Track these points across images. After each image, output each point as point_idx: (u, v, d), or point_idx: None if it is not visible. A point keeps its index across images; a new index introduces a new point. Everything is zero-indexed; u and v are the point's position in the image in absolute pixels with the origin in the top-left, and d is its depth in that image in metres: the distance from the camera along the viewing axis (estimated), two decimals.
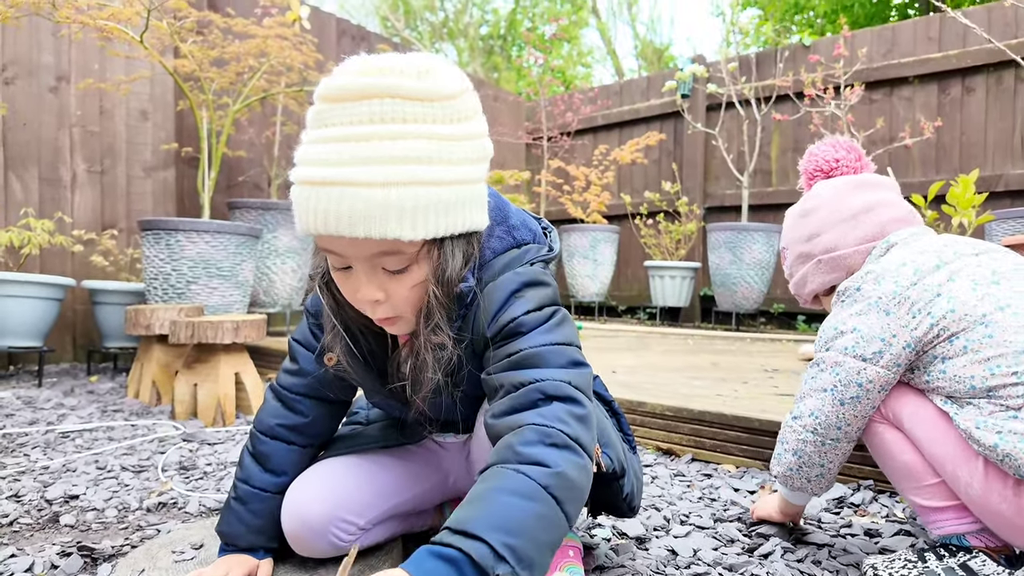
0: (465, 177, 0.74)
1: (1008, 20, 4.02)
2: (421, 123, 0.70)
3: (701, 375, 2.32)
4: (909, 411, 0.96)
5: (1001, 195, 4.00)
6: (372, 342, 0.89)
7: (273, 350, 2.90)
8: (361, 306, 0.79)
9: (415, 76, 0.70)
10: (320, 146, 0.70)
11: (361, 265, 0.74)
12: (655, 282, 4.90)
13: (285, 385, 0.98)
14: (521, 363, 0.76)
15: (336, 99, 0.70)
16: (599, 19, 14.37)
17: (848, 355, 0.96)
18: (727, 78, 4.81)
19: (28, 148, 3.16)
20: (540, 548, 0.64)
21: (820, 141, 1.24)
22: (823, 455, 1.02)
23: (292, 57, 3.08)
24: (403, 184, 0.68)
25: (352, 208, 0.67)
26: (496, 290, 0.80)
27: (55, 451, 1.71)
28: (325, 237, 0.71)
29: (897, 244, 1.05)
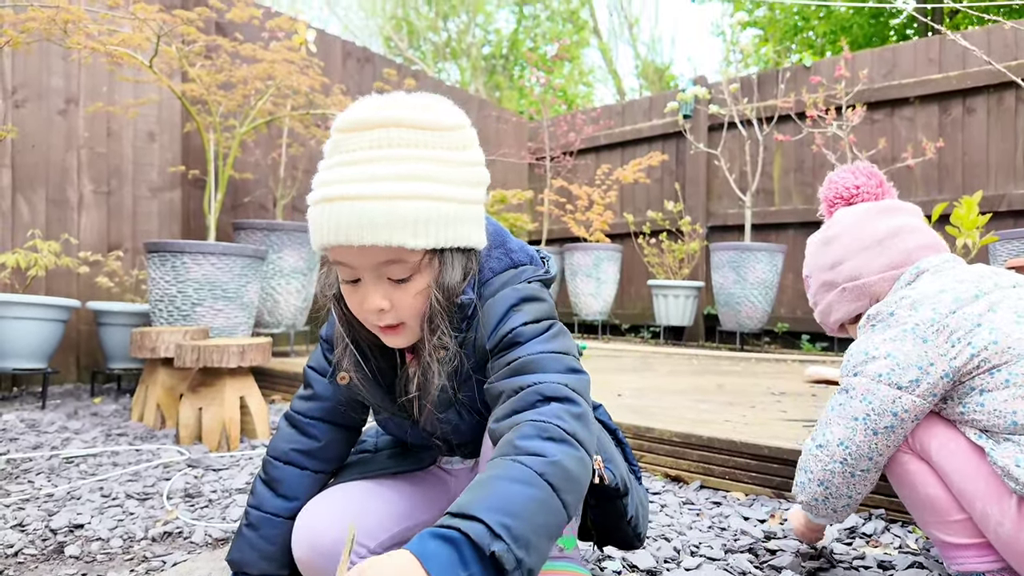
0: (464, 197, 0.82)
1: (1008, 42, 4.06)
2: (424, 148, 0.79)
3: (708, 398, 2.31)
4: (938, 443, 0.93)
5: (1004, 215, 4.00)
6: (380, 359, 0.93)
7: (277, 372, 2.89)
8: (367, 316, 0.84)
9: (420, 109, 0.80)
10: (335, 170, 0.79)
11: (368, 275, 0.81)
12: (658, 301, 4.89)
13: (299, 410, 1.02)
14: (520, 369, 0.80)
15: (350, 129, 0.80)
16: (600, 39, 14.54)
17: (882, 382, 0.93)
18: (729, 99, 4.85)
19: (36, 170, 3.18)
20: (536, 531, 0.65)
21: (839, 168, 1.22)
22: (851, 486, 0.98)
23: (299, 81, 3.11)
24: (406, 198, 0.76)
25: (361, 219, 0.75)
26: (495, 304, 0.85)
27: (59, 477, 1.70)
28: (337, 248, 0.79)
29: (928, 271, 1.02)
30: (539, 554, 0.65)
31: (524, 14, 15.29)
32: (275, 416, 2.48)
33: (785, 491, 1.53)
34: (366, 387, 0.93)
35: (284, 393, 2.87)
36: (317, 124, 3.83)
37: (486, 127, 5.78)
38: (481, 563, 0.61)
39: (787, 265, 4.68)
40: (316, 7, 16.00)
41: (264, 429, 2.18)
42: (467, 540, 0.61)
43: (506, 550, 0.61)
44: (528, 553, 0.64)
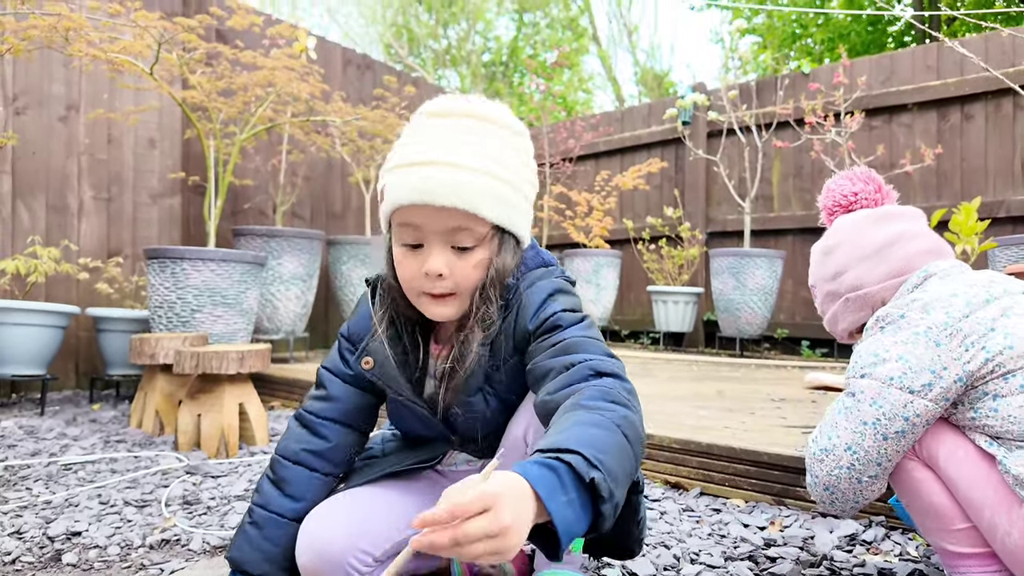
0: (526, 193, 0.93)
1: (1006, 49, 4.07)
2: (500, 139, 0.89)
3: (707, 405, 2.30)
4: (947, 451, 0.91)
5: (1003, 221, 4.01)
6: (410, 344, 0.97)
7: (277, 378, 2.89)
8: (422, 283, 0.88)
9: (496, 109, 0.92)
10: (420, 144, 0.87)
11: (435, 239, 0.87)
12: (658, 307, 4.89)
13: (311, 410, 1.03)
14: (566, 350, 0.85)
15: (436, 114, 0.90)
16: (600, 46, 14.59)
17: (893, 386, 0.90)
18: (728, 105, 4.86)
19: (37, 176, 3.19)
20: (620, 472, 0.68)
21: (837, 175, 1.21)
22: (858, 492, 0.95)
23: (299, 88, 3.12)
24: (486, 173, 0.85)
25: (444, 181, 0.83)
26: (535, 292, 0.92)
27: (57, 484, 1.69)
28: (412, 209, 0.85)
29: (936, 275, 1.00)
30: (622, 494, 0.68)
31: (524, 21, 15.36)
32: (274, 423, 2.48)
33: (785, 498, 1.53)
34: (389, 372, 0.95)
35: (283, 399, 2.86)
36: (317, 131, 3.84)
37: None
38: (579, 489, 0.64)
39: (786, 271, 4.68)
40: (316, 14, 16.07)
41: (263, 436, 2.18)
42: (568, 468, 0.64)
43: (603, 479, 0.65)
44: (617, 488, 0.67)
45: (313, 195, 4.37)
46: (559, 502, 0.62)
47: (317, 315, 4.17)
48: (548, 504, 0.62)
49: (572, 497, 0.64)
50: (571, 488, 0.64)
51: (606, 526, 0.66)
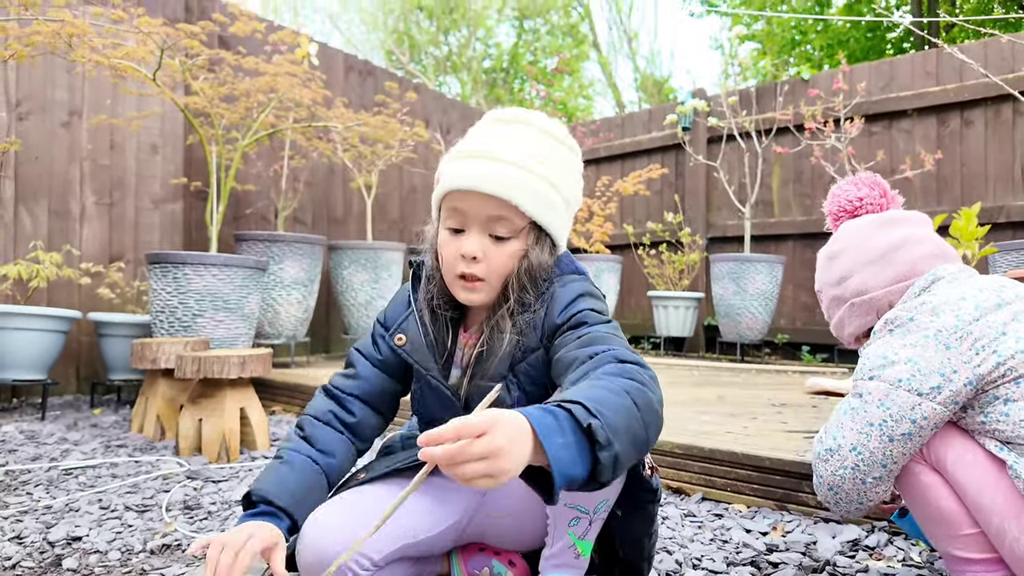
0: (568, 200, 1.00)
1: (1005, 55, 4.09)
2: (551, 149, 0.98)
3: (709, 409, 2.30)
4: (955, 455, 0.90)
5: (1003, 226, 4.01)
6: (443, 326, 1.03)
7: (278, 383, 2.89)
8: (458, 264, 0.95)
9: (555, 125, 1.00)
10: (480, 140, 0.97)
11: (476, 225, 0.94)
12: (659, 312, 4.89)
13: (339, 385, 1.07)
14: (592, 341, 0.89)
15: (498, 120, 1.00)
16: (600, 53, 14.65)
17: (901, 388, 0.90)
18: (727, 111, 4.88)
19: (39, 181, 3.20)
20: (623, 429, 0.71)
21: (842, 180, 1.21)
22: (862, 493, 0.94)
23: (301, 94, 3.13)
24: (531, 172, 0.93)
25: (489, 172, 0.92)
26: (566, 291, 0.98)
27: (58, 489, 1.69)
28: (461, 193, 0.94)
29: (944, 279, 1.00)
30: (623, 449, 0.70)
31: (524, 28, 15.42)
32: (275, 427, 2.47)
33: (787, 503, 1.52)
34: (420, 349, 1.01)
35: (284, 404, 2.86)
36: (319, 136, 3.85)
37: None
38: (577, 434, 0.68)
39: (787, 276, 4.68)
40: (319, 21, 16.15)
41: (264, 440, 2.17)
42: (567, 414, 0.69)
43: (600, 426, 0.68)
44: (617, 440, 0.69)
45: (315, 200, 4.38)
46: (555, 443, 0.66)
47: (318, 320, 4.17)
48: (544, 443, 0.65)
49: (569, 440, 0.67)
50: (568, 432, 0.67)
51: (605, 476, 0.68)
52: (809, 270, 4.87)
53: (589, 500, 0.93)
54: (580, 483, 0.68)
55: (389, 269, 3.81)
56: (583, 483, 0.69)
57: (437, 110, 5.39)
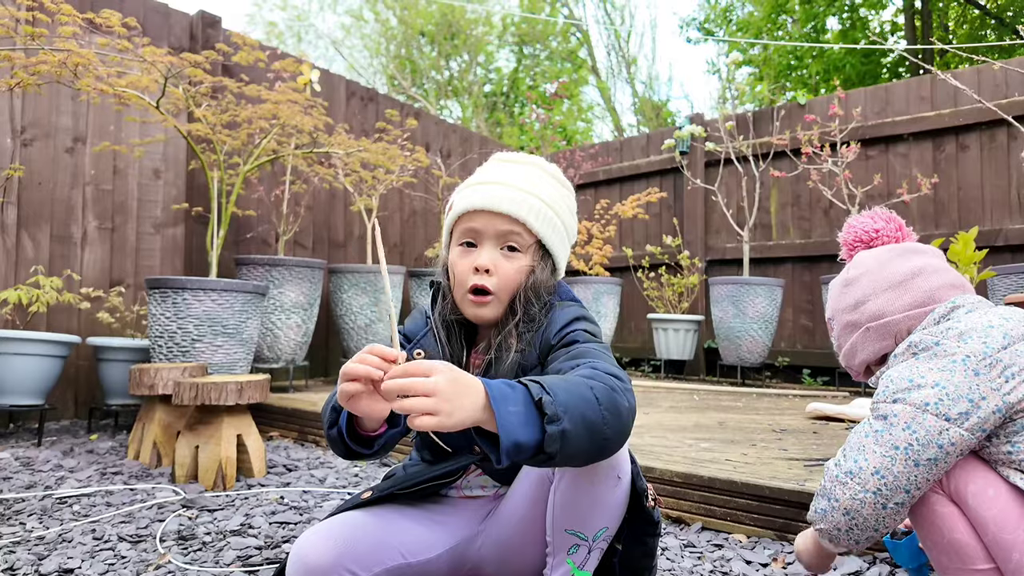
0: (568, 228, 1.11)
1: (998, 81, 4.14)
2: (551, 184, 1.10)
3: (709, 436, 2.29)
4: (976, 488, 0.89)
5: (1001, 250, 4.02)
6: (456, 343, 1.09)
7: (276, 408, 2.87)
8: (470, 277, 1.02)
9: (554, 168, 1.13)
10: (487, 173, 1.09)
11: (488, 240, 1.04)
12: (659, 335, 4.88)
13: None
14: (579, 356, 0.95)
15: (503, 160, 1.12)
16: (599, 78, 14.84)
17: (929, 412, 0.89)
18: (725, 136, 4.93)
19: (42, 207, 3.22)
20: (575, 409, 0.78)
21: (858, 214, 1.23)
22: (880, 519, 0.91)
23: (302, 121, 3.17)
24: (536, 196, 1.05)
25: (503, 194, 1.04)
26: (564, 313, 1.05)
27: (51, 519, 1.68)
28: (475, 213, 1.04)
29: (963, 307, 1.00)
30: (574, 429, 0.77)
31: (524, 54, 15.65)
32: (272, 454, 2.46)
33: (788, 533, 1.51)
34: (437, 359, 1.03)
35: (282, 430, 2.84)
36: (320, 162, 3.89)
37: None
38: (529, 405, 0.77)
39: (786, 299, 4.68)
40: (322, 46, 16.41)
41: (261, 467, 2.16)
42: (523, 387, 0.78)
43: (551, 403, 0.76)
44: (567, 418, 0.76)
45: (316, 224, 4.40)
46: (505, 409, 0.75)
47: (317, 344, 4.16)
48: (494, 405, 0.75)
49: (519, 409, 0.76)
50: (520, 403, 0.76)
51: (553, 448, 0.75)
52: (808, 292, 4.87)
53: (588, 526, 0.94)
54: (529, 452, 0.75)
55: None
56: (532, 453, 0.76)
57: (438, 135, 5.44)
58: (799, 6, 10.10)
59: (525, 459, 0.77)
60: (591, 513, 0.94)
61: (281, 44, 15.46)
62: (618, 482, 0.94)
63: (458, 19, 14.57)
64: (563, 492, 0.94)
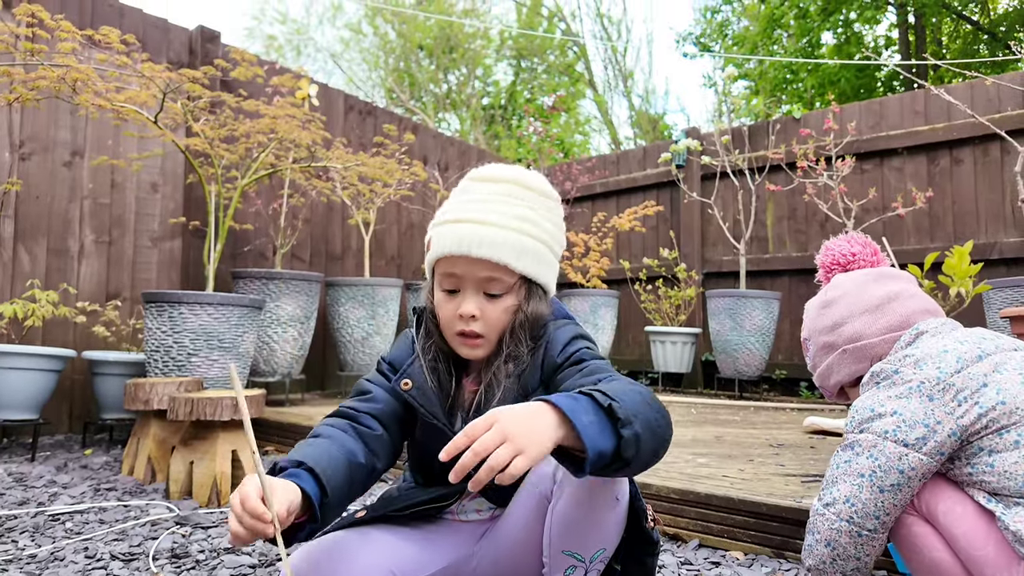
0: (553, 249, 1.05)
1: (991, 96, 4.18)
2: (532, 203, 1.02)
3: (706, 451, 2.28)
4: (945, 507, 0.91)
5: (996, 263, 4.04)
6: (445, 374, 1.05)
7: (272, 422, 2.86)
8: (456, 323, 0.99)
9: (532, 177, 1.04)
10: (464, 204, 1.01)
11: (470, 286, 0.99)
12: (656, 347, 4.88)
13: (352, 407, 1.04)
14: (592, 372, 0.96)
15: (481, 179, 1.04)
16: (596, 91, 14.95)
17: (888, 439, 0.92)
18: (720, 150, 4.96)
19: (39, 220, 3.22)
20: (640, 415, 0.78)
21: (835, 238, 1.27)
22: (859, 547, 0.95)
23: (300, 135, 3.18)
24: (518, 232, 0.98)
25: (483, 238, 0.96)
26: (562, 332, 1.05)
27: (44, 536, 1.66)
28: (453, 258, 0.98)
29: (927, 332, 1.03)
30: (643, 431, 0.77)
31: (522, 67, 15.77)
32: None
33: (785, 550, 1.50)
34: (427, 394, 1.02)
35: (278, 444, 2.83)
36: (318, 176, 3.90)
37: None
38: (600, 413, 0.76)
39: (783, 312, 4.69)
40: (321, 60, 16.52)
41: None
42: (589, 397, 0.78)
43: (620, 407, 0.76)
44: (636, 421, 0.77)
45: (313, 237, 4.41)
46: (582, 420, 0.74)
47: (314, 357, 4.15)
48: (572, 418, 0.73)
49: (592, 419, 0.75)
50: (591, 411, 0.76)
51: (630, 453, 0.75)
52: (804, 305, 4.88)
53: (585, 547, 0.93)
54: (607, 460, 0.75)
55: (386, 305, 3.81)
56: (611, 460, 0.75)
57: (435, 148, 5.47)
58: (794, 21, 10.21)
59: (603, 468, 0.76)
60: (589, 535, 0.93)
61: (280, 58, 15.56)
62: (616, 504, 0.93)
63: (456, 33, 14.69)
64: (561, 513, 0.93)
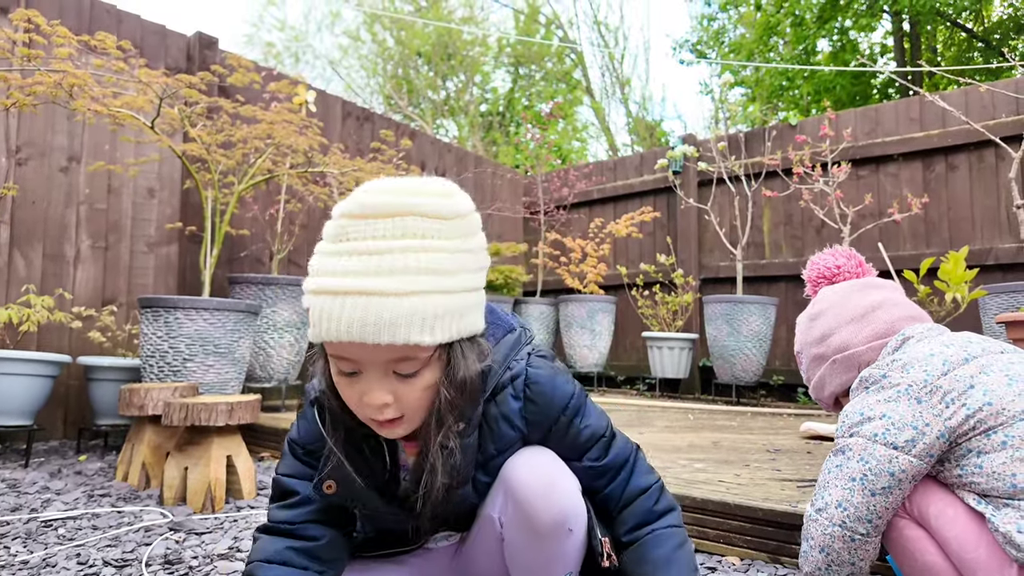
0: (472, 285, 0.81)
1: (985, 103, 4.20)
2: (439, 238, 0.76)
3: (703, 456, 2.28)
4: (937, 509, 0.92)
5: (992, 268, 4.05)
6: (372, 457, 0.89)
7: (267, 428, 2.85)
8: (366, 410, 0.80)
9: (436, 196, 0.77)
10: (344, 259, 0.74)
11: (374, 370, 0.77)
12: (653, 353, 4.88)
13: (284, 519, 0.91)
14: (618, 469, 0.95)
15: (360, 215, 0.75)
16: (593, 98, 15.01)
17: (878, 442, 0.93)
18: (717, 156, 4.98)
19: (35, 226, 3.22)
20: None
21: (820, 252, 1.29)
22: (852, 551, 0.95)
23: (297, 141, 3.19)
24: (425, 293, 0.73)
25: (379, 316, 0.71)
26: (552, 395, 0.90)
27: (36, 542, 1.65)
28: (342, 344, 0.75)
29: (913, 338, 1.05)
30: None
31: (520, 74, 15.83)
32: (263, 475, 2.43)
33: (781, 555, 1.49)
34: (357, 491, 0.87)
35: (273, 450, 2.82)
36: (315, 181, 3.90)
37: (482, 181, 5.89)
38: None
39: (780, 317, 4.69)
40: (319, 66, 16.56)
41: (251, 488, 2.13)
42: None
43: None
44: None
45: (310, 242, 4.41)
46: None
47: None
48: None
49: None
50: None
51: None
52: (802, 311, 4.88)
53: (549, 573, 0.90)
54: None
55: None
56: None
57: (433, 154, 5.48)
58: (790, 28, 10.27)
59: None
60: (548, 568, 0.89)
61: (279, 64, 15.60)
62: (570, 535, 0.87)
63: (454, 40, 14.76)
64: (515, 549, 0.90)
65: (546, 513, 0.84)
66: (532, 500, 0.85)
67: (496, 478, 0.90)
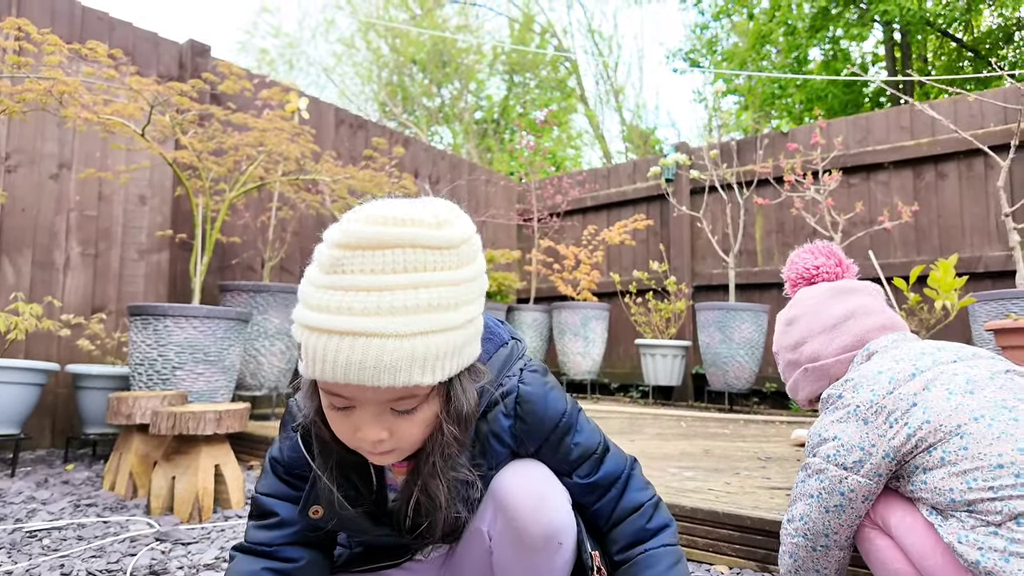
0: (474, 316, 0.77)
1: (974, 112, 4.24)
2: (440, 271, 0.72)
3: (693, 464, 2.27)
4: (897, 519, 0.95)
5: (982, 276, 4.08)
6: (359, 481, 0.88)
7: (256, 436, 2.83)
8: (360, 443, 0.78)
9: (435, 226, 0.72)
10: (340, 294, 0.69)
11: (370, 408, 0.74)
12: (646, 360, 4.88)
13: (262, 540, 0.90)
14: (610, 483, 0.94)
15: (356, 247, 0.70)
16: (587, 106, 15.07)
17: (831, 463, 0.97)
18: (709, 164, 5.00)
19: (24, 233, 3.20)
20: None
21: (799, 248, 1.28)
22: (816, 560, 1.01)
23: (289, 148, 3.19)
24: (427, 333, 0.70)
25: (378, 360, 0.67)
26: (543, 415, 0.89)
27: (20, 553, 1.63)
28: (338, 384, 0.71)
29: (877, 352, 1.07)
30: None
31: (514, 82, 15.89)
32: (251, 484, 2.41)
33: (769, 564, 1.49)
34: (344, 516, 0.86)
35: (262, 459, 2.79)
36: (307, 189, 3.90)
37: (476, 189, 5.90)
38: None
39: (772, 325, 4.70)
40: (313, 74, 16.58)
41: (239, 498, 2.12)
42: None
43: None
44: None
45: (302, 250, 4.40)
46: None
47: None
48: None
49: None
50: None
51: None
52: None
53: None
54: None
55: None
56: None
57: (427, 161, 5.49)
58: (782, 37, 10.36)
59: None
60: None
61: (273, 71, 15.61)
62: (560, 548, 0.87)
63: (449, 48, 14.81)
64: (504, 563, 0.89)
65: (536, 527, 0.84)
66: (522, 514, 0.85)
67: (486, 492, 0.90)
